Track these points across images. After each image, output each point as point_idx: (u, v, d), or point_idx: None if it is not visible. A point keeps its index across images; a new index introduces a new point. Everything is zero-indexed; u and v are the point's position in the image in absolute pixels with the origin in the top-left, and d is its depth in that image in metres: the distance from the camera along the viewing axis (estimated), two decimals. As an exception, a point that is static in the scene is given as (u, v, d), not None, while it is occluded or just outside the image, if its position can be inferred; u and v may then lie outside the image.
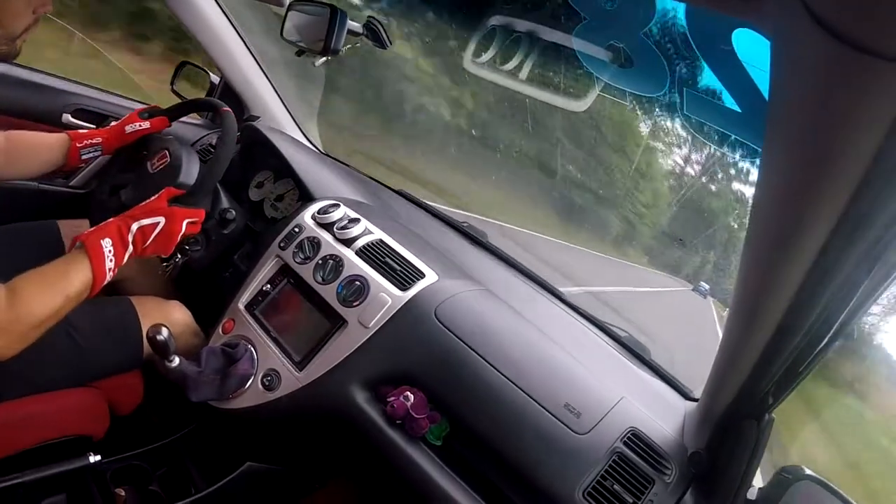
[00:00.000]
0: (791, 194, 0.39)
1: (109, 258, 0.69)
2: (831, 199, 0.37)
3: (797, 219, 0.40)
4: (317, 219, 1.00)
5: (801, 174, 0.36)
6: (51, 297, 0.64)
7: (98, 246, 0.68)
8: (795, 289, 0.48)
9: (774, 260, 0.47)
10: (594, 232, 7.99)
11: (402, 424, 0.79)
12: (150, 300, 0.93)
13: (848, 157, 0.33)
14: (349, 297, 0.87)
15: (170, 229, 0.77)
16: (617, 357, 0.97)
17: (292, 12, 1.07)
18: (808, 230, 0.41)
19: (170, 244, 0.79)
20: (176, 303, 0.97)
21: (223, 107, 0.93)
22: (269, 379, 0.85)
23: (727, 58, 0.58)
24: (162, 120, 0.98)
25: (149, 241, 0.75)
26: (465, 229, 1.22)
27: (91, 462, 0.84)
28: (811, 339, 0.55)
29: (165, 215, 0.76)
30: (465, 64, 0.97)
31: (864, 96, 0.28)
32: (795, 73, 0.31)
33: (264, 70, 1.28)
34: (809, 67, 0.29)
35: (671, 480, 0.73)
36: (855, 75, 0.26)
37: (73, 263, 0.67)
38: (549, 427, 0.75)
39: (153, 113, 0.99)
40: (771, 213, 0.44)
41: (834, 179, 0.35)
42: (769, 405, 0.65)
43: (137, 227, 0.73)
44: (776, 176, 0.40)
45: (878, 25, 0.24)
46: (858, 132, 0.30)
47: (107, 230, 0.71)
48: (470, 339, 0.83)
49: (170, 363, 0.82)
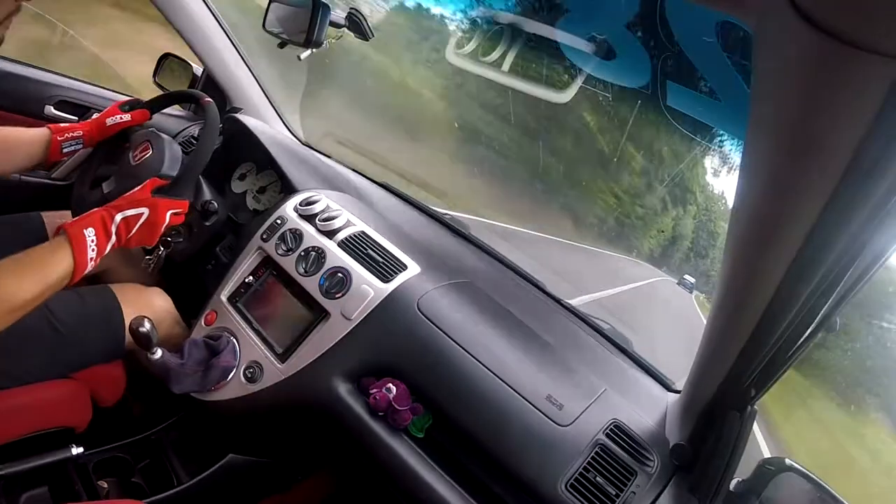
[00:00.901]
0: (774, 185, 0.39)
1: (92, 248, 0.68)
2: (814, 191, 0.37)
3: (780, 210, 0.40)
4: (299, 210, 0.99)
5: (784, 165, 0.36)
6: (29, 284, 0.63)
7: (81, 235, 0.68)
8: (778, 280, 0.48)
9: (757, 252, 0.47)
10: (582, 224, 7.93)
11: (385, 416, 0.78)
12: (131, 287, 0.92)
13: (830, 148, 0.33)
14: (332, 289, 0.86)
15: (153, 220, 0.77)
16: (600, 349, 0.97)
17: (275, 4, 1.06)
18: (790, 221, 0.41)
19: (154, 235, 0.78)
20: (157, 289, 0.96)
21: (205, 97, 0.92)
22: (252, 371, 0.84)
23: (709, 50, 0.57)
24: (143, 112, 0.97)
25: (132, 232, 0.75)
26: (447, 222, 1.21)
27: (73, 454, 0.84)
28: (794, 330, 0.55)
29: (149, 206, 0.76)
30: (447, 55, 0.95)
31: (847, 88, 0.28)
32: (778, 64, 0.31)
33: (247, 61, 1.26)
34: (792, 59, 0.29)
35: (654, 472, 0.73)
36: (837, 67, 0.27)
37: (55, 251, 0.66)
38: (531, 419, 0.75)
39: (134, 105, 0.97)
40: (754, 205, 0.43)
41: (816, 170, 0.35)
42: (752, 397, 0.64)
43: (121, 218, 0.73)
44: (759, 167, 0.40)
45: (860, 17, 0.24)
46: (841, 123, 0.31)
47: (90, 220, 0.70)
48: (452, 330, 0.82)
49: (152, 355, 0.81)
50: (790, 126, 0.33)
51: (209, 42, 1.20)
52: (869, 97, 0.28)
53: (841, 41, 0.25)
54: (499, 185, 6.56)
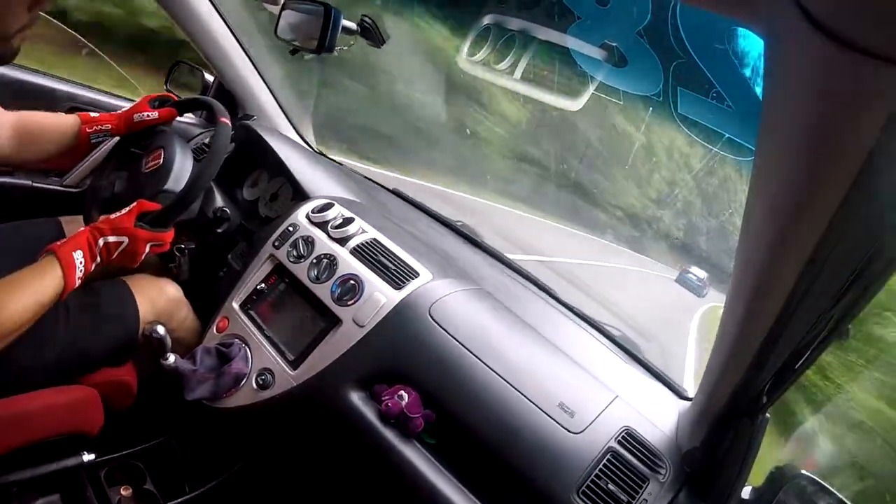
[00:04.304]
0: (785, 193, 0.39)
1: (80, 269, 0.73)
2: (825, 198, 0.37)
3: (791, 217, 0.40)
4: (311, 218, 1.00)
5: (796, 172, 0.36)
6: (28, 306, 0.67)
7: (70, 257, 0.72)
8: (790, 287, 0.48)
9: (769, 258, 0.47)
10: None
11: (397, 423, 0.79)
12: (143, 278, 0.93)
13: (842, 155, 0.33)
14: (343, 296, 0.87)
15: (132, 250, 0.80)
16: (611, 356, 0.97)
17: (287, 11, 1.07)
18: (802, 227, 0.40)
19: (133, 262, 0.82)
20: (168, 280, 0.97)
21: (222, 116, 0.92)
22: (264, 378, 0.84)
23: (721, 57, 0.58)
24: (171, 111, 0.99)
25: (114, 256, 0.78)
26: (459, 228, 1.21)
27: (85, 461, 0.84)
28: (806, 337, 0.55)
29: (129, 237, 0.79)
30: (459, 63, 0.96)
31: (858, 95, 0.28)
32: (789, 72, 0.31)
33: (259, 69, 1.27)
34: (803, 66, 0.29)
35: (666, 479, 0.73)
36: (848, 74, 0.26)
37: (46, 273, 0.70)
38: (543, 426, 0.75)
39: (164, 102, 0.99)
40: (765, 212, 0.43)
41: (828, 178, 0.35)
42: (764, 404, 0.65)
43: (103, 243, 0.77)
44: (770, 174, 0.40)
45: (872, 25, 0.23)
46: (852, 130, 0.30)
47: (77, 243, 0.74)
48: (464, 338, 0.83)
49: (165, 361, 0.82)
50: (801, 132, 0.33)
51: (221, 49, 1.21)
52: (881, 104, 0.28)
53: (852, 48, 0.24)
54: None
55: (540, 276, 1.12)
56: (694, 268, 7.26)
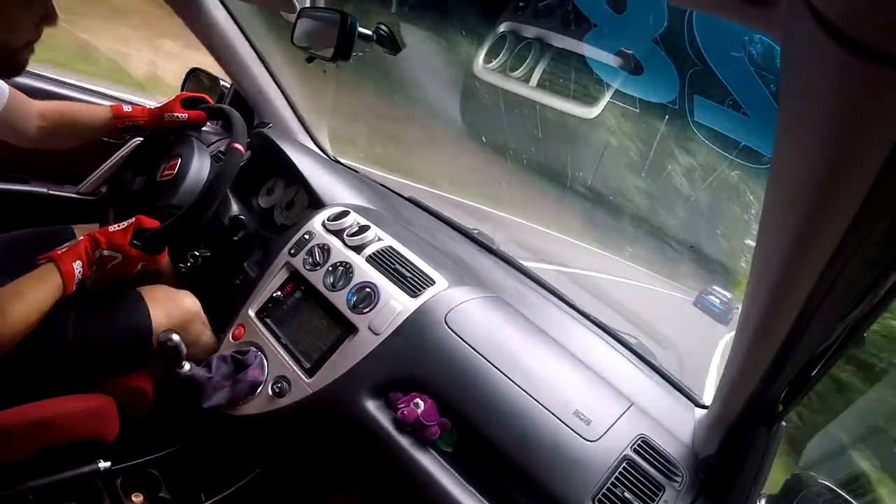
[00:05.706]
0: (801, 201, 0.39)
1: (78, 277, 0.77)
2: (841, 207, 0.37)
3: (807, 226, 0.40)
4: (327, 225, 1.01)
5: (811, 181, 0.36)
6: (31, 312, 0.71)
7: (70, 267, 0.75)
8: (806, 296, 0.48)
9: (785, 267, 0.47)
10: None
11: (413, 431, 0.79)
12: (160, 288, 0.94)
13: (858, 164, 0.33)
14: (359, 304, 0.88)
15: (124, 267, 0.82)
16: (627, 364, 0.98)
17: (303, 18, 1.08)
18: (817, 237, 0.41)
19: (126, 276, 0.85)
20: (185, 291, 0.97)
21: (236, 142, 0.93)
22: (280, 386, 0.85)
23: (737, 64, 0.59)
24: (200, 115, 1.02)
25: (108, 267, 0.82)
26: (475, 236, 1.22)
27: (101, 468, 0.84)
28: (822, 346, 0.56)
29: (122, 255, 0.81)
30: (475, 70, 0.98)
31: (875, 103, 0.27)
32: (805, 79, 0.31)
33: (275, 77, 1.29)
34: (819, 73, 0.29)
35: (681, 487, 0.74)
36: (864, 81, 0.26)
37: (47, 281, 0.73)
38: (559, 434, 0.76)
39: (196, 103, 1.01)
40: (781, 221, 0.44)
41: (844, 186, 0.35)
42: (780, 412, 0.65)
43: (99, 255, 0.80)
44: (786, 182, 0.40)
45: (889, 31, 0.23)
46: (869, 139, 0.30)
47: (76, 253, 0.77)
48: (480, 345, 0.83)
49: (180, 369, 0.82)
50: (818, 140, 0.33)
51: (237, 57, 1.22)
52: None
53: (868, 55, 0.24)
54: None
55: (558, 285, 1.12)
56: (716, 288, 5.84)
